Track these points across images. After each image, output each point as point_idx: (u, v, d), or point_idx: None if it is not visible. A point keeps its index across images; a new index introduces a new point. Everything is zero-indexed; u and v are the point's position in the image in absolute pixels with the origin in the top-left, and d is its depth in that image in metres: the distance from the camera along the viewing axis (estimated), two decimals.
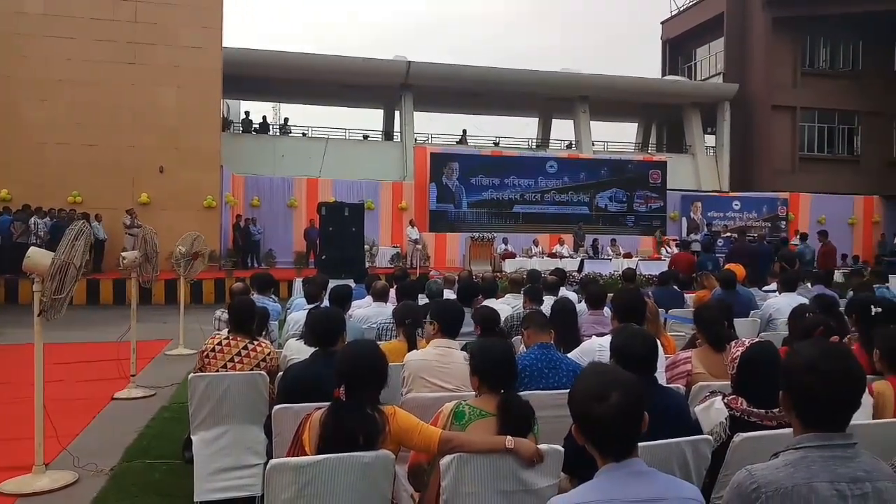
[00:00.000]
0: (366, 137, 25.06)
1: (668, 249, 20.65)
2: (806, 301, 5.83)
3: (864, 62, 27.60)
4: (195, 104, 17.72)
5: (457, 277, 8.17)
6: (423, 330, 4.33)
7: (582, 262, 18.42)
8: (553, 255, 19.53)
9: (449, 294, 6.49)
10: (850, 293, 7.57)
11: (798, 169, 26.90)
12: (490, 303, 6.23)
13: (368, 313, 5.71)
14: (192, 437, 3.99)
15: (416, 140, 24.34)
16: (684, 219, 24.21)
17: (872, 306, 4.16)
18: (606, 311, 5.35)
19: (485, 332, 4.23)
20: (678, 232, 23.74)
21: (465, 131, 26.00)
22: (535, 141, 28.33)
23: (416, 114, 24.43)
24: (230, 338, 4.14)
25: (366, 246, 16.27)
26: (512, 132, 28.94)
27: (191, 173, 17.62)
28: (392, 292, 6.24)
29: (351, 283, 7.14)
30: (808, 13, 26.13)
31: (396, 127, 26.11)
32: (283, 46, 23.17)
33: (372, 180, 22.06)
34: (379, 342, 4.67)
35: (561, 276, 7.87)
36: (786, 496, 1.72)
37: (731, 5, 27.21)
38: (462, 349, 3.88)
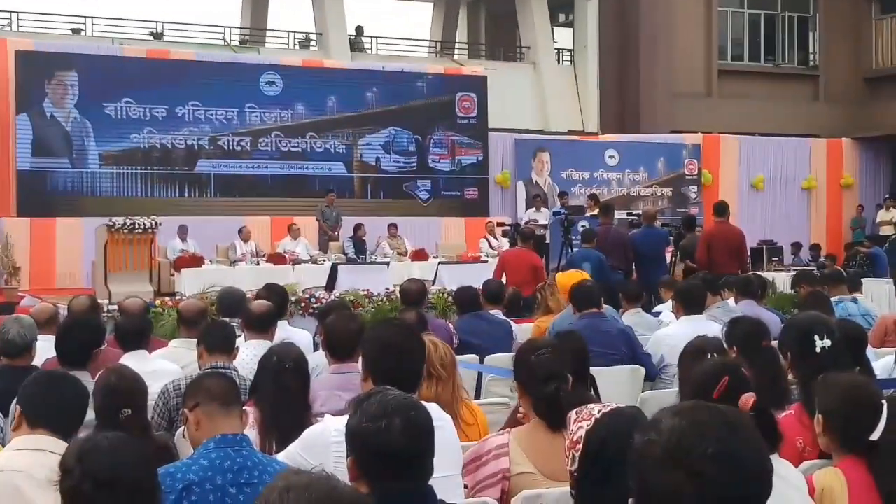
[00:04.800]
0: None
1: (495, 241, 21.51)
2: (715, 329, 6.37)
3: None
4: None
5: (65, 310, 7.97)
6: None
7: (334, 270, 18.57)
8: (278, 259, 19.55)
9: (45, 344, 6.33)
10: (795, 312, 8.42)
11: (717, 91, 29.43)
12: (135, 359, 6.14)
13: None
14: None
15: None
16: (520, 183, 25.51)
17: (816, 336, 4.62)
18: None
19: (112, 422, 4.18)
20: (510, 209, 24.98)
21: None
22: (236, 32, 28.24)
23: None
24: None
25: None
26: (191, 15, 28.48)
27: None
28: None
29: None
30: None
31: None
32: None
33: None
34: None
35: (281, 301, 7.92)
36: None
37: None
38: None
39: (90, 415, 4.58)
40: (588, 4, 28.40)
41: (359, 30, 29.46)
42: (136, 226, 18.02)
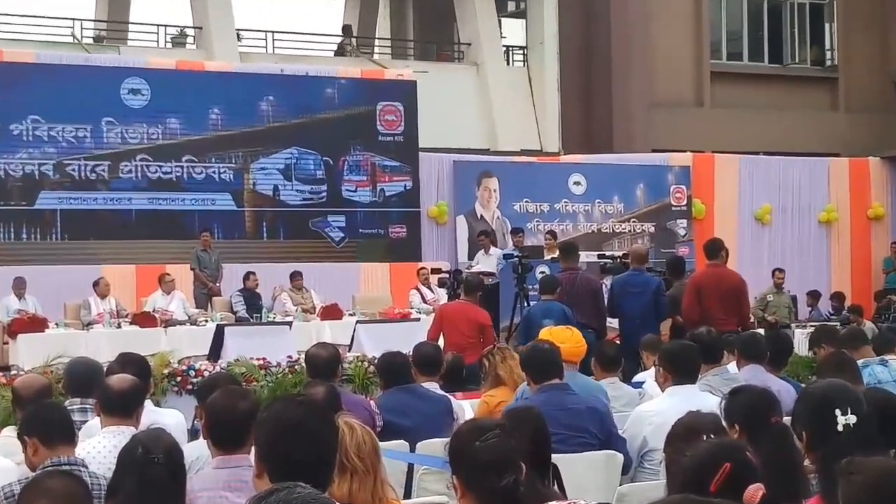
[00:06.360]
0: None
1: (430, 293, 21.56)
2: (711, 403, 6.39)
3: None
4: None
5: None
6: None
7: (219, 334, 18.57)
8: (146, 320, 19.49)
9: None
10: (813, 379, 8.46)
11: (710, 100, 29.86)
12: None
13: None
14: None
15: None
16: (461, 218, 25.69)
17: (839, 410, 4.64)
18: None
19: None
20: (448, 251, 25.15)
21: None
22: (90, 27, 28.18)
23: None
24: None
25: None
26: (31, 6, 28.38)
27: None
28: None
29: None
30: None
31: None
32: None
33: None
34: None
35: (143, 373, 7.86)
36: None
37: None
38: None
39: None
40: None
41: (346, 29, 29.52)
42: None
